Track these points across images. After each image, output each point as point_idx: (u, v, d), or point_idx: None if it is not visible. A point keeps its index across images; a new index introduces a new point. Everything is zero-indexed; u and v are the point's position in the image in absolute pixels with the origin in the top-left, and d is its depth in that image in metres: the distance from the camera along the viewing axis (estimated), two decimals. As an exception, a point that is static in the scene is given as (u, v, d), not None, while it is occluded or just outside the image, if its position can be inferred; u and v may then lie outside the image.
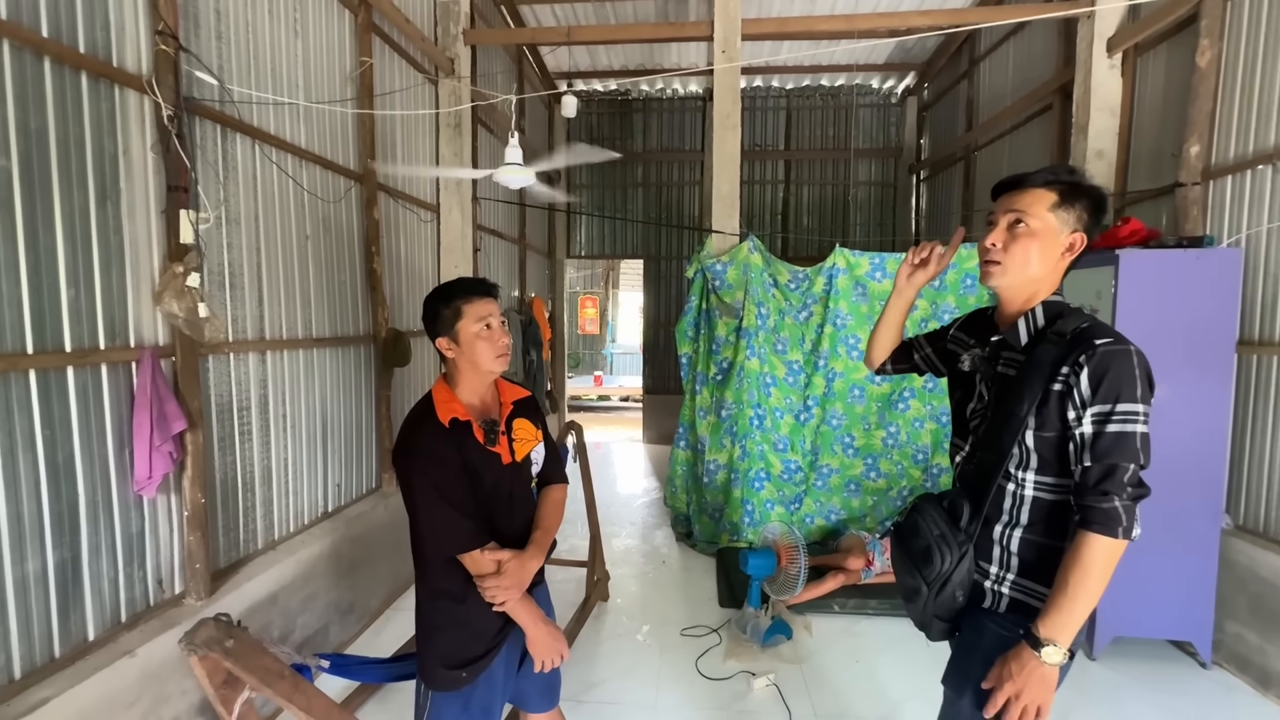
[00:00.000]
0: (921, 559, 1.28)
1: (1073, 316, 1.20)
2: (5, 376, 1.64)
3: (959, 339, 1.46)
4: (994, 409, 1.25)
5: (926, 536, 1.27)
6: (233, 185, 2.43)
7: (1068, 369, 1.13)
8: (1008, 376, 1.25)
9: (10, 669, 1.66)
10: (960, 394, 1.40)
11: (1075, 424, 1.13)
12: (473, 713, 1.61)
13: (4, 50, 1.63)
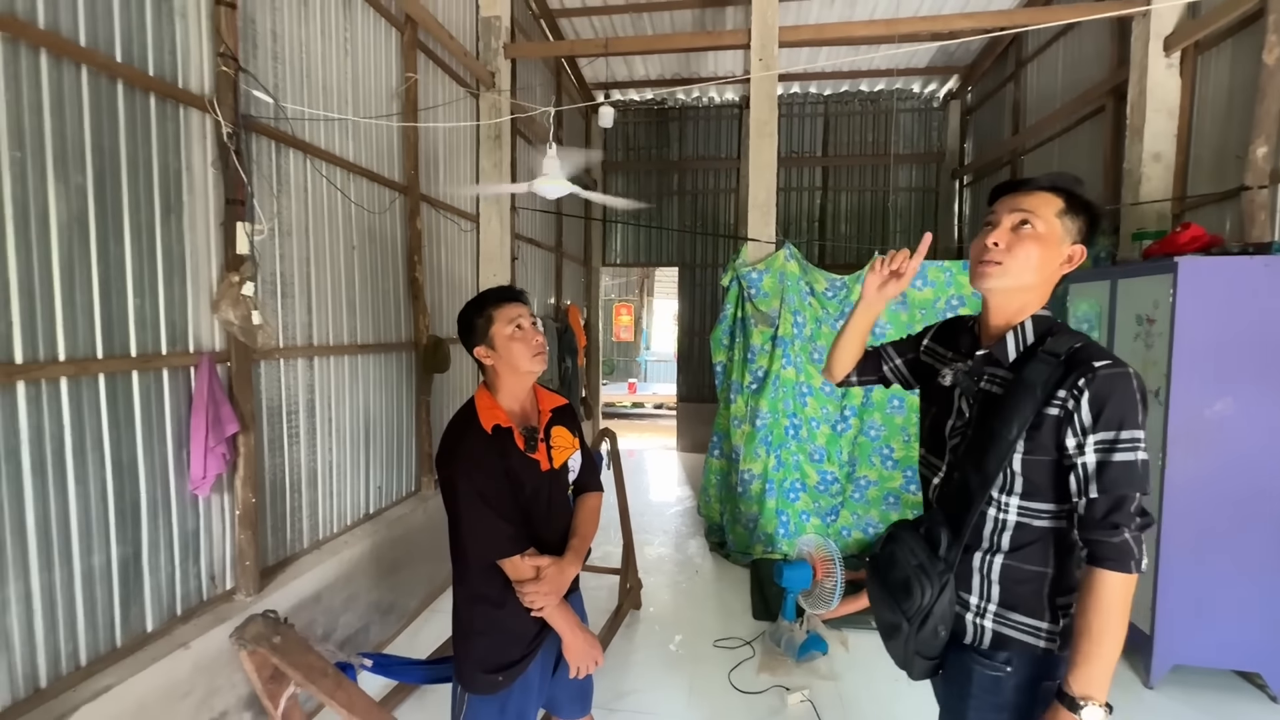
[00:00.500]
0: (900, 592, 1.19)
1: (1065, 335, 1.13)
2: (76, 380, 1.74)
3: (934, 350, 1.38)
4: (976, 428, 1.17)
5: (905, 567, 1.19)
6: (285, 198, 2.53)
7: (1065, 392, 1.07)
8: (993, 394, 1.17)
9: (78, 656, 1.76)
10: (937, 409, 1.30)
11: (1076, 452, 1.06)
12: (508, 717, 1.63)
13: (82, 75, 1.74)
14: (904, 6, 5.39)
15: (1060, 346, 1.11)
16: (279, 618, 1.60)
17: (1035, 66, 5.36)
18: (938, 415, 1.29)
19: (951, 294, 4.04)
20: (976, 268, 1.17)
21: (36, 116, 1.63)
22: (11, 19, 1.56)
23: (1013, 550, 1.16)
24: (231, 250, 2.18)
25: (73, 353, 1.73)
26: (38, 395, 1.65)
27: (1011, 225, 1.15)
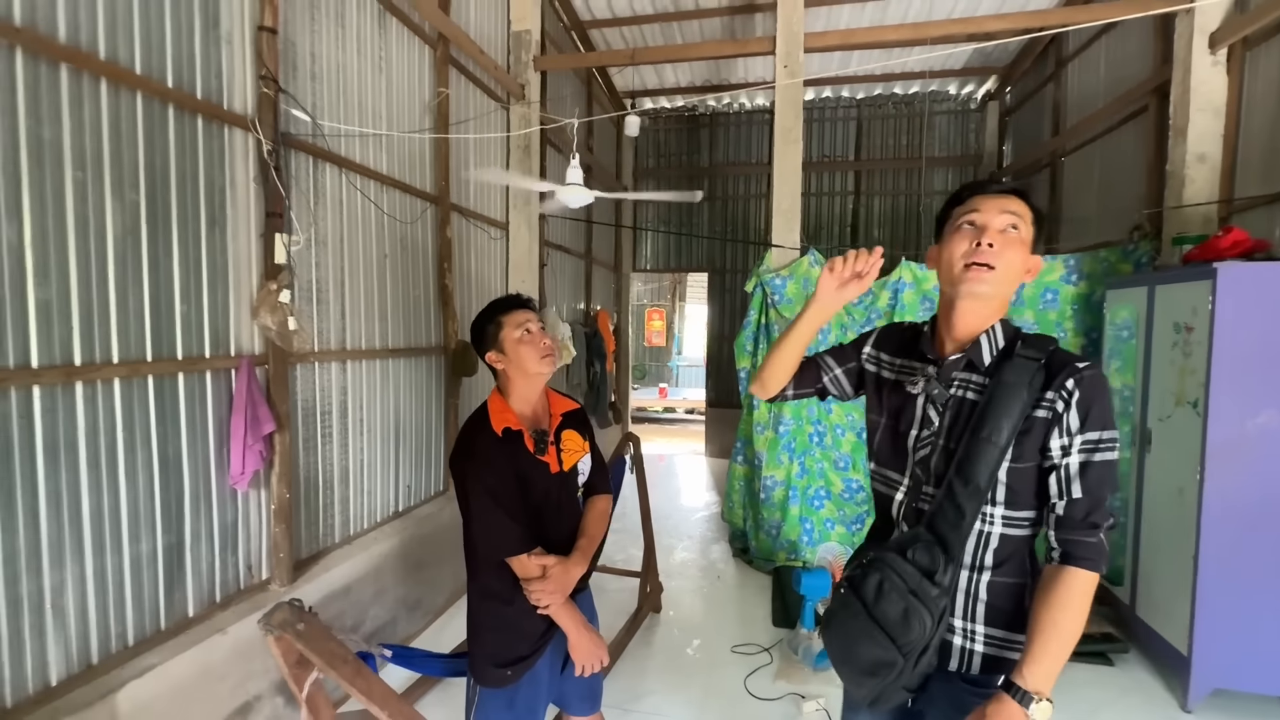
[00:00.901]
0: (898, 625, 1.08)
1: (1036, 337, 1.14)
2: (128, 381, 1.89)
3: (878, 358, 1.32)
4: (950, 437, 1.13)
5: (900, 597, 1.09)
6: (322, 210, 2.68)
7: (1053, 394, 1.06)
8: (968, 401, 1.13)
9: (125, 636, 1.90)
10: (892, 420, 1.24)
11: (1061, 454, 1.05)
12: (517, 711, 1.68)
13: (137, 101, 1.90)
14: (938, 8, 5.31)
15: (1038, 349, 1.10)
16: (304, 606, 1.70)
17: (1076, 66, 5.20)
18: (895, 426, 1.23)
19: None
20: (968, 271, 1.11)
21: (96, 139, 1.78)
22: (76, 51, 1.72)
23: (997, 565, 1.12)
24: (270, 260, 2.33)
25: (125, 355, 1.88)
26: (93, 395, 1.79)
27: (1000, 228, 1.11)
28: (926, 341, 1.23)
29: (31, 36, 1.60)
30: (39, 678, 1.67)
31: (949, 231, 1.18)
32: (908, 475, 1.21)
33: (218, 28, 2.16)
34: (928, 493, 1.17)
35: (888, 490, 1.26)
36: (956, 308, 1.15)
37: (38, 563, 1.67)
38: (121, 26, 1.85)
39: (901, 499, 1.22)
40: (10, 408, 1.60)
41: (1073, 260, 3.83)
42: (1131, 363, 3.25)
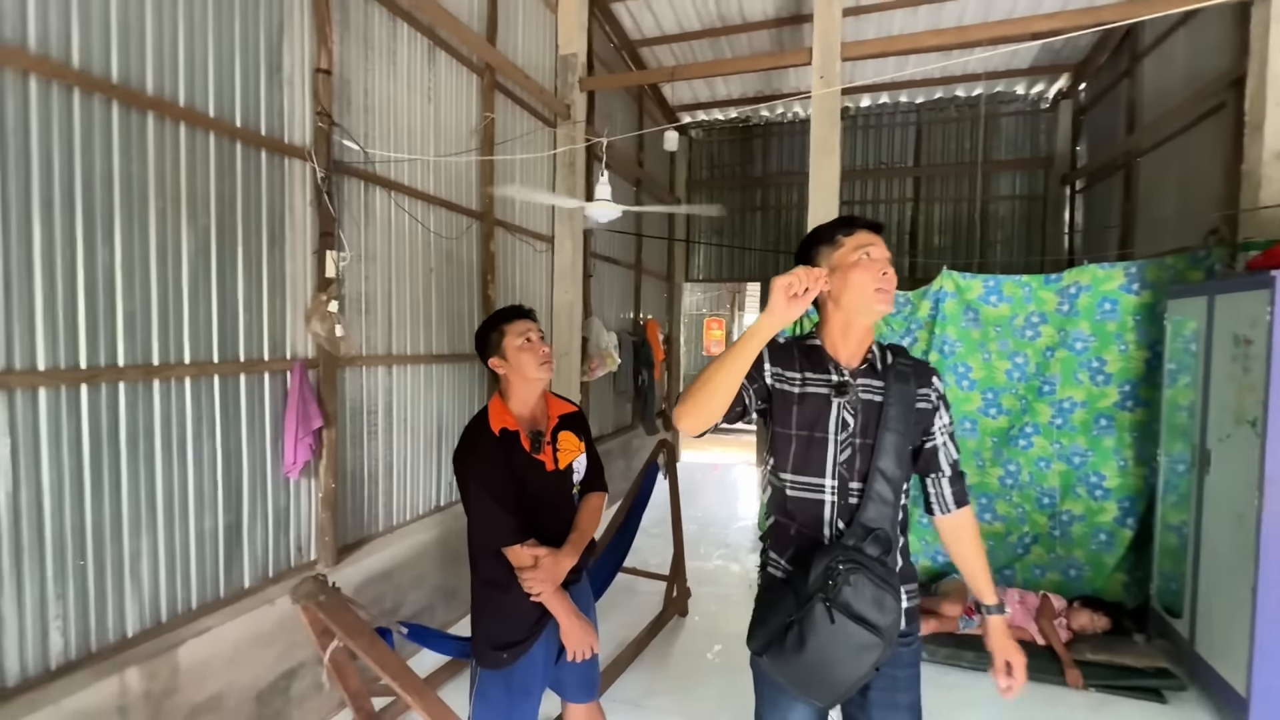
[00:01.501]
0: (874, 609, 1.19)
1: (894, 346, 1.41)
2: (197, 380, 2.19)
3: (782, 375, 1.37)
4: (866, 435, 1.32)
5: (874, 588, 1.20)
6: (371, 228, 2.96)
7: (926, 389, 1.37)
8: (874, 402, 1.33)
9: (190, 601, 2.20)
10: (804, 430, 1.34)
11: (941, 432, 1.39)
12: (514, 692, 1.81)
13: (210, 139, 2.21)
14: (996, 8, 5.13)
15: (905, 355, 1.40)
16: (328, 581, 1.92)
17: (1153, 60, 4.86)
18: (812, 435, 1.33)
19: (1032, 310, 3.78)
20: (879, 294, 1.28)
21: (175, 173, 2.10)
22: (160, 100, 2.04)
23: (900, 532, 1.36)
24: (322, 274, 2.61)
25: (195, 357, 2.18)
26: (167, 390, 2.10)
27: (889, 259, 1.33)
28: (823, 356, 1.38)
29: (124, 91, 1.93)
30: (118, 629, 1.98)
31: (851, 260, 1.30)
32: (832, 477, 1.33)
33: (280, 72, 2.47)
34: (854, 488, 1.31)
35: (814, 496, 1.35)
36: (857, 324, 1.35)
37: (120, 532, 1.98)
38: (198, 78, 2.17)
39: (832, 500, 1.33)
40: (100, 400, 1.91)
41: (1134, 268, 3.59)
42: (1193, 378, 3.02)
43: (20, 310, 1.72)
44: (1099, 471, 3.73)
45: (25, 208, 1.73)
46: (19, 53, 1.69)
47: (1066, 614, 3.29)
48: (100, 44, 1.88)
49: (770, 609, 1.34)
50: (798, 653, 1.23)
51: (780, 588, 1.35)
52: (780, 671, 1.29)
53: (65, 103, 1.80)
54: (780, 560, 1.41)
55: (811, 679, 1.25)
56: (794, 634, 1.23)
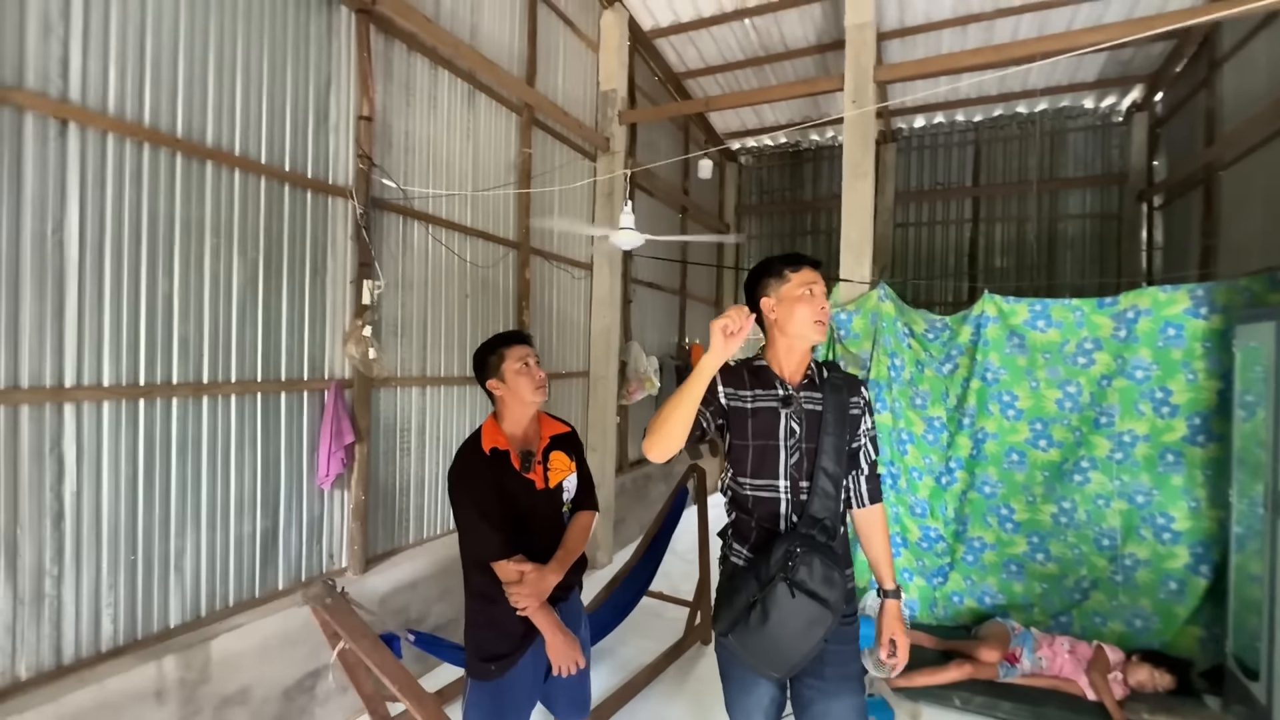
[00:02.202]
0: (825, 586, 1.40)
1: (828, 362, 1.68)
2: (241, 396, 2.44)
3: (736, 395, 1.56)
4: (809, 439, 1.52)
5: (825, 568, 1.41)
6: (408, 259, 3.19)
7: (855, 398, 1.61)
8: (815, 411, 1.54)
9: (227, 599, 2.41)
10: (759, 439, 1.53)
11: (864, 435, 1.62)
12: (501, 704, 1.88)
13: (261, 183, 2.49)
14: (1052, 22, 4.93)
15: (837, 370, 1.63)
16: (335, 586, 2.06)
17: (1232, 67, 4.51)
18: (766, 444, 1.54)
19: (1084, 336, 3.55)
20: (817, 325, 1.52)
21: (229, 214, 2.37)
22: (218, 151, 2.32)
23: (840, 521, 1.55)
24: (359, 302, 2.84)
25: (240, 377, 2.43)
26: (214, 406, 2.35)
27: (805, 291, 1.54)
28: (770, 376, 1.58)
29: (187, 144, 2.22)
30: (161, 620, 2.20)
31: (796, 295, 1.53)
32: (785, 478, 1.53)
33: (327, 121, 2.75)
34: (803, 486, 1.52)
35: (772, 495, 1.54)
36: (798, 348, 1.57)
37: (167, 532, 2.21)
38: (253, 129, 2.45)
39: (787, 498, 1.53)
40: (155, 414, 2.17)
41: (1201, 290, 3.31)
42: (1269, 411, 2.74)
43: (90, 334, 2.00)
44: (1166, 512, 3.41)
45: (99, 246, 2.02)
46: (99, 116, 1.99)
47: (1123, 668, 3.01)
48: (168, 104, 2.18)
49: (735, 592, 1.50)
50: (761, 627, 1.42)
51: (743, 574, 1.52)
52: (744, 646, 1.47)
53: (136, 156, 2.10)
54: (743, 550, 1.59)
55: (771, 651, 1.44)
56: (757, 611, 1.42)
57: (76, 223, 1.96)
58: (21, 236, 1.85)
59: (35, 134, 1.87)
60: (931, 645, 3.41)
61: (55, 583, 1.93)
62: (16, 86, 1.82)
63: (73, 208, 1.95)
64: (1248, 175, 4.28)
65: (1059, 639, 3.20)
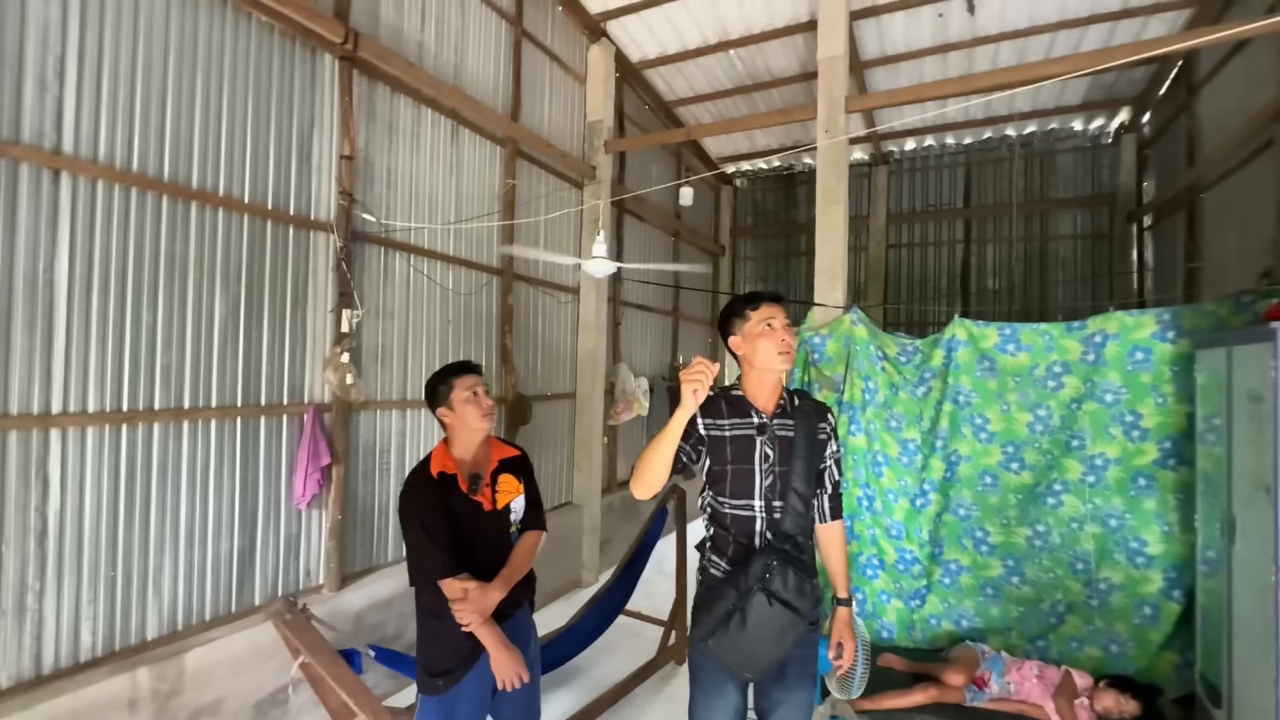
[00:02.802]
0: (797, 596, 1.57)
1: (798, 390, 1.80)
2: (221, 421, 2.59)
3: (714, 424, 1.70)
4: (781, 463, 1.66)
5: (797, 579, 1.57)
6: (389, 289, 3.35)
7: (823, 424, 1.77)
8: (788, 437, 1.69)
9: (203, 614, 2.54)
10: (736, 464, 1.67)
11: (830, 458, 1.79)
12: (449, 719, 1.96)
13: (244, 220, 2.66)
14: (1031, 50, 5.02)
15: (807, 398, 1.80)
16: (296, 603, 2.18)
17: (1209, 91, 4.55)
18: (742, 467, 1.67)
19: (1054, 359, 3.58)
20: (782, 356, 1.65)
21: (212, 250, 2.54)
22: (203, 192, 2.50)
23: (809, 537, 1.71)
24: (338, 329, 2.99)
25: (220, 402, 2.58)
26: (195, 430, 2.50)
27: (764, 325, 1.69)
28: (745, 404, 1.73)
29: (172, 187, 2.40)
30: (139, 633, 2.33)
31: (757, 331, 1.69)
32: (760, 498, 1.68)
33: (310, 161, 2.93)
34: (777, 505, 1.67)
35: (748, 514, 1.68)
36: (768, 379, 1.73)
37: (146, 549, 2.35)
38: (237, 171, 2.63)
39: (762, 516, 1.68)
40: (137, 438, 2.32)
41: (1167, 315, 3.33)
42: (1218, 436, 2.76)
43: (77, 365, 2.16)
44: (1140, 536, 3.40)
45: (87, 283, 2.19)
46: (89, 165, 2.17)
47: (1091, 694, 3.00)
48: (155, 150, 2.37)
49: (715, 601, 1.63)
50: (740, 632, 1.58)
51: (721, 584, 1.66)
52: (723, 650, 1.61)
53: (124, 199, 2.28)
54: (721, 563, 1.72)
55: (747, 654, 1.59)
56: (736, 619, 1.58)
57: (66, 262, 2.13)
58: (14, 277, 2.02)
59: (30, 183, 2.05)
60: (902, 668, 3.42)
61: (37, 597, 2.07)
62: (14, 141, 2.01)
63: (63, 249, 2.13)
64: (1226, 198, 4.31)
65: (1028, 663, 3.20)
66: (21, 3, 2.02)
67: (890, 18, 4.77)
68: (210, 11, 2.53)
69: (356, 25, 3.08)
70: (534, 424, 4.41)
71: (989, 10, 4.61)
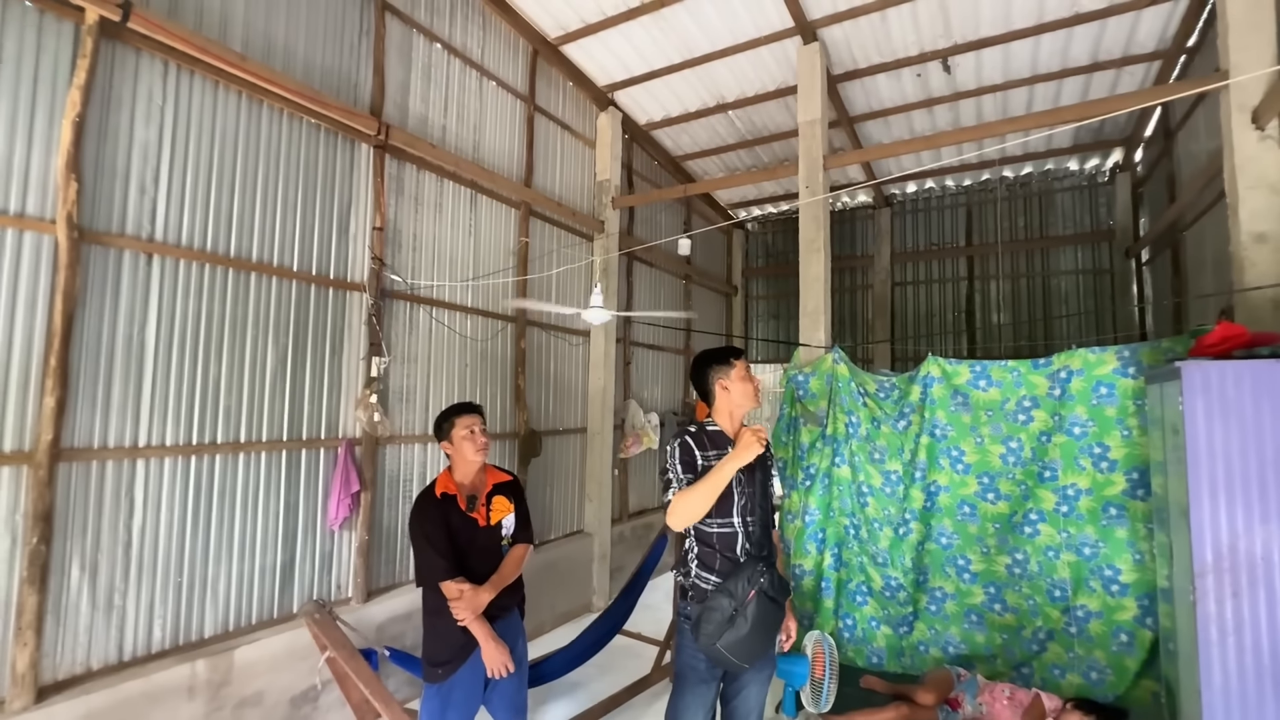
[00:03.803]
0: (780, 591, 1.97)
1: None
2: (269, 453, 3.08)
3: (706, 457, 2.03)
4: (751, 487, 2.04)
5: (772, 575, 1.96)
6: (413, 338, 3.86)
7: (769, 453, 2.17)
8: (752, 465, 2.02)
9: (251, 617, 2.99)
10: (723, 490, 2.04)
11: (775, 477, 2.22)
12: (449, 703, 2.32)
13: (293, 285, 3.20)
14: (1012, 104, 5.33)
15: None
16: (324, 604, 2.60)
17: (1184, 135, 4.77)
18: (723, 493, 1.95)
19: (1023, 394, 3.80)
20: (756, 395, 2.09)
21: (266, 311, 3.09)
22: (261, 264, 3.05)
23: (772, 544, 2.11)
24: (368, 374, 3.49)
25: (270, 437, 3.08)
26: (249, 460, 3.00)
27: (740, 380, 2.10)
28: (723, 439, 2.08)
29: (237, 261, 2.96)
30: (199, 631, 2.79)
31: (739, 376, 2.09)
32: (738, 516, 2.01)
33: (347, 232, 3.49)
34: (750, 521, 2.03)
35: (730, 530, 2.01)
36: (738, 415, 2.11)
37: (207, 559, 2.83)
38: (287, 245, 3.19)
39: (742, 531, 2.01)
40: (202, 467, 2.83)
41: (1127, 351, 3.53)
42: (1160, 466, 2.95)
43: (159, 405, 2.69)
44: (1113, 564, 3.54)
45: (169, 341, 2.73)
46: (174, 248, 2.74)
47: (1059, 715, 3.13)
48: (225, 233, 2.94)
49: (714, 609, 1.93)
50: (744, 630, 1.89)
51: (715, 595, 1.95)
52: (730, 649, 1.90)
53: (199, 274, 2.84)
54: (710, 577, 2.01)
55: (748, 649, 1.91)
56: (740, 619, 1.90)
57: (154, 326, 2.68)
58: (116, 338, 2.57)
59: (130, 265, 2.62)
60: (882, 689, 3.60)
61: (122, 596, 2.56)
62: (120, 234, 2.59)
63: (152, 315, 2.68)
64: (1200, 237, 4.47)
65: (1000, 686, 3.35)
66: (130, 129, 2.63)
67: (872, 79, 5.17)
68: (269, 118, 3.13)
69: (388, 118, 3.67)
70: (546, 457, 4.82)
71: (965, 69, 4.97)
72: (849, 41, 4.74)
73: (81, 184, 2.45)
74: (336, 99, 3.35)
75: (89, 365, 2.49)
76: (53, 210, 2.40)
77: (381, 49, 3.68)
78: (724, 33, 4.77)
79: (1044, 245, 6.61)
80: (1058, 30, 4.39)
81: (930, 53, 4.75)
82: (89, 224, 2.50)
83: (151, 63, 2.70)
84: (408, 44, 3.89)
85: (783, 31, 4.65)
